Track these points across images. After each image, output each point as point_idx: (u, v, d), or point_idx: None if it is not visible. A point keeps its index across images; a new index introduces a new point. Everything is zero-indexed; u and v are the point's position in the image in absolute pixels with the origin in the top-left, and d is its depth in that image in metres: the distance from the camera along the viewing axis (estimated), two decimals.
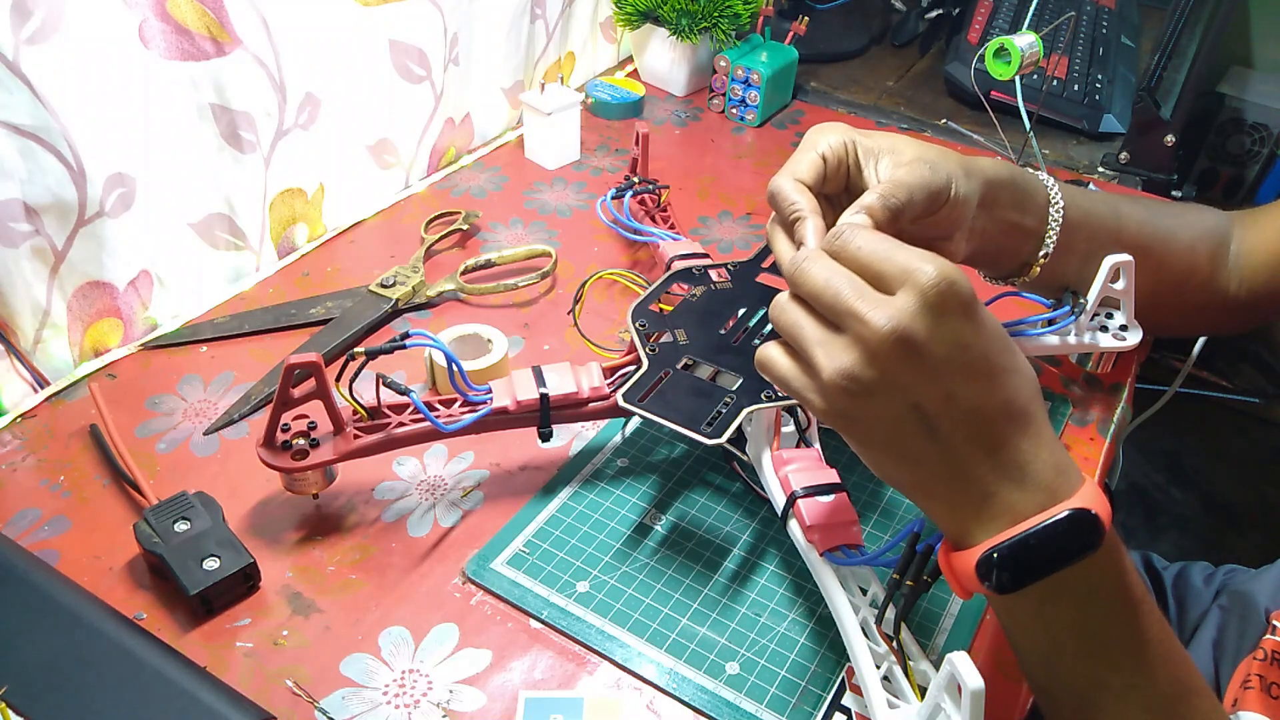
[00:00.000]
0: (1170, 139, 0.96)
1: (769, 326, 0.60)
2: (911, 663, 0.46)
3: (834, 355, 0.41)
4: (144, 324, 0.74)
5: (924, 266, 0.40)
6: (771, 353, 0.45)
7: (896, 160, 0.52)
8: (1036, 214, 0.61)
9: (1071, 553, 0.41)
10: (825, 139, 0.52)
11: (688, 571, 0.57)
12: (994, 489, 0.41)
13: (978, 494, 0.41)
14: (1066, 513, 0.40)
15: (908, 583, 0.45)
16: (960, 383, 0.40)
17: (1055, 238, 0.61)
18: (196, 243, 0.76)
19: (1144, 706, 0.43)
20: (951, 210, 0.53)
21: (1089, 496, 0.41)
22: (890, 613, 0.47)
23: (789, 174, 0.51)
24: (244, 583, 0.54)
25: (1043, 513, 0.41)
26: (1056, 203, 0.61)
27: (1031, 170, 0.62)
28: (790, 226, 0.49)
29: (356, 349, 0.54)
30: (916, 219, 0.51)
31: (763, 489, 0.57)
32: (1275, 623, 0.64)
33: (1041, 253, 0.62)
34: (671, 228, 0.79)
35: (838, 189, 0.53)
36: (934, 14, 1.27)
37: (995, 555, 0.41)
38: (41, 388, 0.68)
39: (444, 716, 0.50)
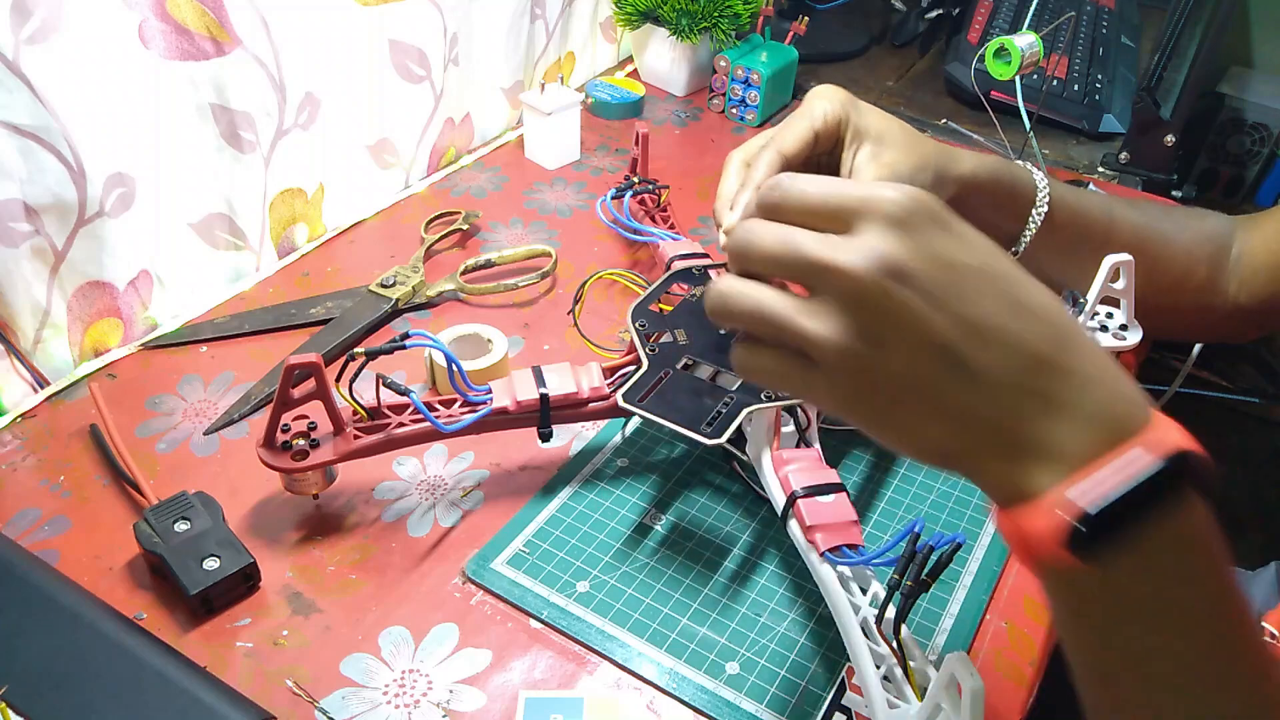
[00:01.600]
0: (1170, 139, 0.96)
1: None
2: (911, 663, 0.46)
3: (825, 323, 0.34)
4: (144, 324, 0.74)
5: (882, 191, 0.34)
6: (745, 354, 0.37)
7: (876, 155, 0.53)
8: (1016, 216, 0.62)
9: (1172, 491, 0.32)
10: (822, 109, 0.54)
11: (688, 571, 0.57)
12: (1050, 424, 0.33)
13: (1029, 434, 0.34)
14: (1168, 458, 0.32)
15: (907, 583, 0.45)
16: (972, 300, 0.34)
17: (1030, 238, 0.62)
18: (196, 243, 0.76)
19: (1220, 684, 0.34)
20: None
21: (1178, 434, 0.33)
22: (890, 612, 0.47)
23: (777, 147, 0.53)
24: (244, 583, 0.54)
25: (1122, 447, 0.33)
26: (1041, 206, 0.62)
27: (1028, 168, 0.63)
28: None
29: (356, 349, 0.54)
30: None
31: (763, 489, 0.57)
32: (1265, 625, 0.64)
33: (1013, 250, 0.63)
34: (671, 228, 0.79)
35: (823, 154, 0.55)
36: (934, 14, 1.27)
37: (1076, 501, 0.32)
38: (41, 387, 0.68)
39: (444, 716, 0.50)
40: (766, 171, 0.51)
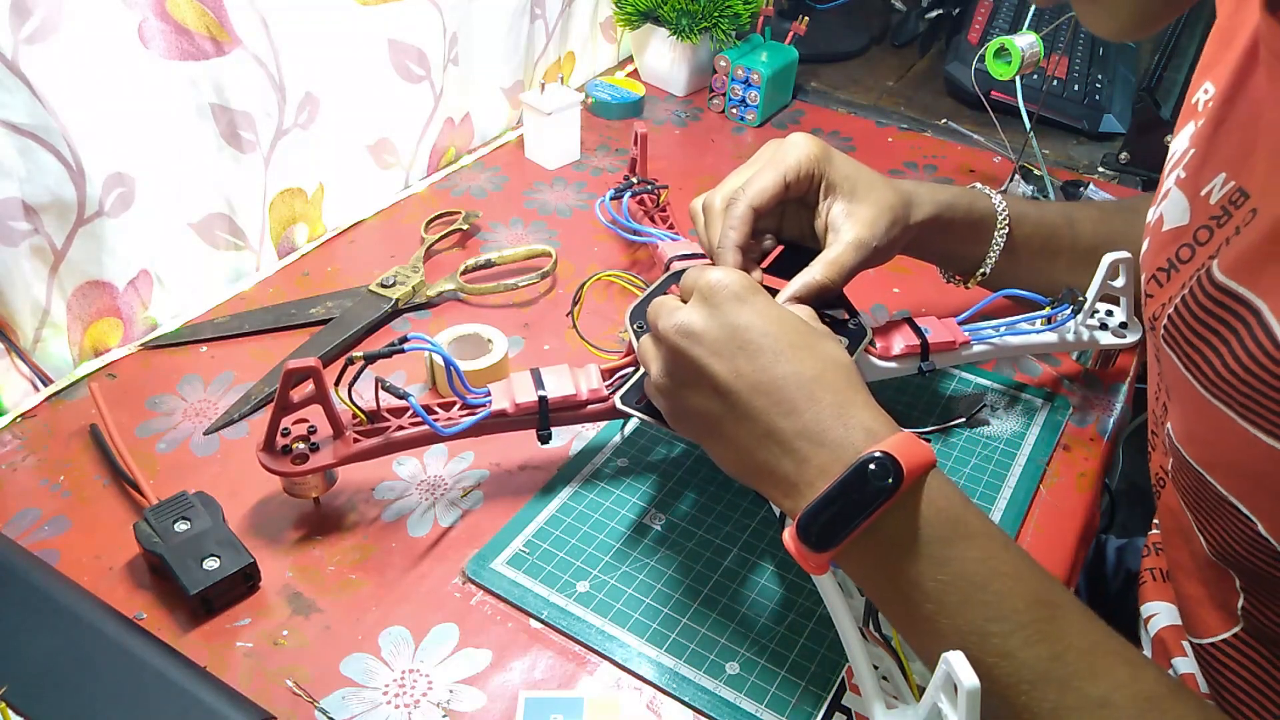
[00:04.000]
0: (1170, 139, 0.96)
1: None
2: (910, 663, 0.46)
3: (655, 366, 0.50)
4: (144, 324, 0.74)
5: (704, 272, 0.49)
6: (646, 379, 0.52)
7: (850, 212, 0.57)
8: (979, 241, 0.66)
9: (871, 496, 0.42)
10: (795, 159, 0.57)
11: (688, 571, 0.57)
12: (802, 456, 0.44)
13: (790, 466, 0.44)
14: (855, 463, 0.42)
15: None
16: (743, 358, 0.46)
17: (995, 259, 0.66)
18: (196, 243, 0.76)
19: (1010, 634, 0.41)
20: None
21: (894, 444, 0.42)
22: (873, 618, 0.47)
23: (750, 202, 0.57)
24: (244, 583, 0.54)
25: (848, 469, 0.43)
26: (1002, 229, 0.66)
27: (988, 194, 0.66)
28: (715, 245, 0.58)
29: (355, 353, 0.54)
30: None
31: None
32: (1156, 520, 0.67)
33: (980, 271, 0.67)
34: (671, 228, 0.79)
35: (794, 199, 0.59)
36: (934, 14, 1.27)
37: (806, 517, 0.43)
38: (44, 385, 0.68)
39: (444, 716, 0.50)
40: (741, 228, 0.57)
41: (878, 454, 0.42)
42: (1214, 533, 0.48)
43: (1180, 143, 0.53)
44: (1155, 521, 0.68)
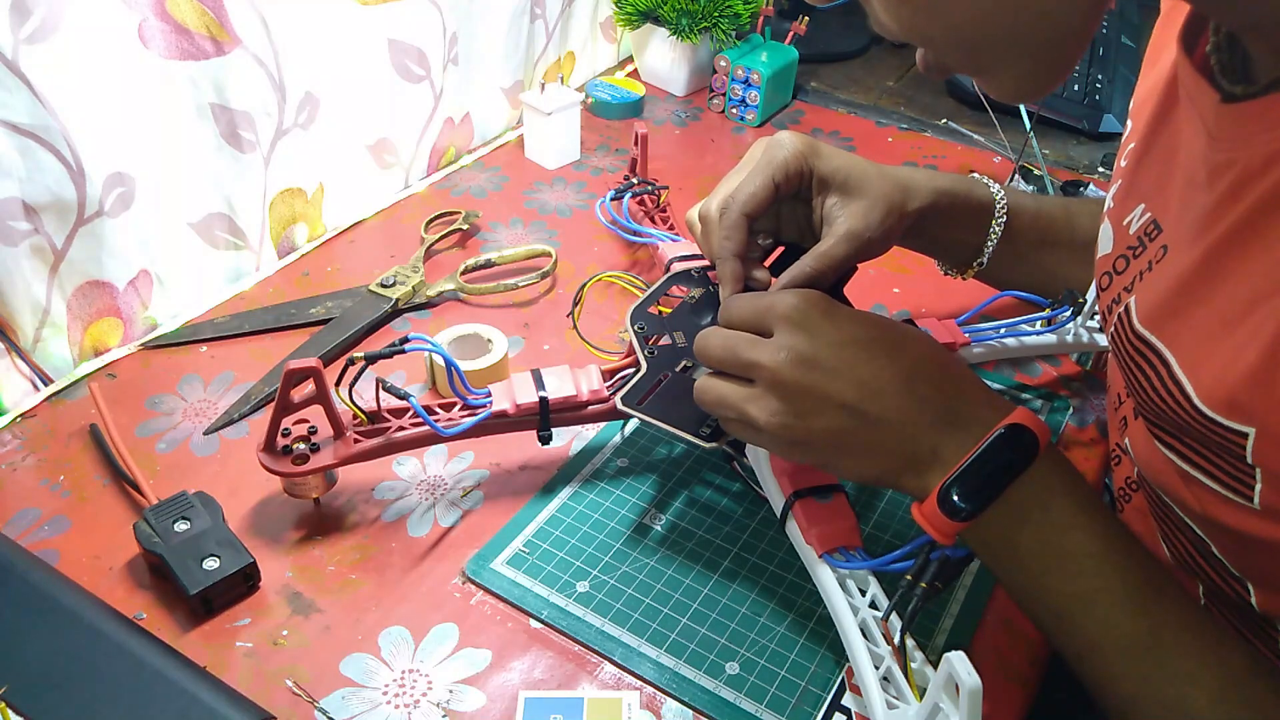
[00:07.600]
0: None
1: None
2: (911, 663, 0.46)
3: (761, 406, 0.48)
4: (144, 324, 0.74)
5: (778, 300, 0.49)
6: (724, 423, 0.52)
7: (844, 205, 0.56)
8: (977, 229, 0.65)
9: (1013, 462, 0.44)
10: (782, 158, 0.56)
11: (688, 571, 0.57)
12: (938, 440, 0.46)
13: (927, 451, 0.46)
14: (1000, 431, 0.45)
15: (921, 585, 0.45)
16: (862, 368, 0.47)
17: (993, 247, 0.65)
18: (196, 243, 0.76)
19: (1116, 604, 0.44)
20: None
21: (1022, 416, 0.45)
22: (898, 614, 0.47)
23: (742, 210, 0.56)
24: (244, 582, 0.54)
25: (981, 441, 0.45)
26: (1000, 217, 0.65)
27: (987, 182, 0.65)
28: (716, 256, 0.56)
29: (355, 354, 0.54)
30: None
31: (762, 490, 0.57)
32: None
33: (977, 260, 0.66)
34: (671, 228, 0.79)
35: (786, 198, 0.58)
36: None
37: (950, 485, 0.45)
38: (45, 384, 0.68)
39: (444, 716, 0.50)
40: (736, 235, 0.56)
41: (1015, 424, 0.45)
42: (1177, 544, 0.49)
43: (1120, 161, 0.54)
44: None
